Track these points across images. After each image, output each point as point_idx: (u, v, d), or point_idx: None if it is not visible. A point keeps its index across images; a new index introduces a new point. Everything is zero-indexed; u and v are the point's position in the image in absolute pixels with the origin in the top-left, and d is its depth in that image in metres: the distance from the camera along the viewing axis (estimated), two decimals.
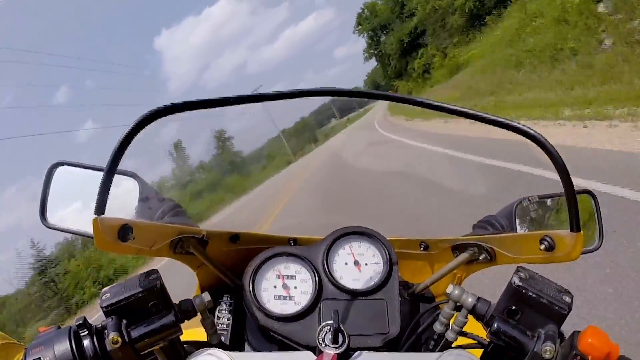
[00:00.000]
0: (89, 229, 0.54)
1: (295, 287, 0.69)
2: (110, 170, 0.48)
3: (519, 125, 0.48)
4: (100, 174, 0.49)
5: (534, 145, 0.48)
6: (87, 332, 0.51)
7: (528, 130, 0.48)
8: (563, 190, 0.50)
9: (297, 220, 7.52)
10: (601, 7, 9.58)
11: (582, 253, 0.59)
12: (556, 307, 0.52)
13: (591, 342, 0.48)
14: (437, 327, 0.64)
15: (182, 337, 0.58)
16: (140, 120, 0.47)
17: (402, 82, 45.12)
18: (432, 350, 0.65)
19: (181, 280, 1.17)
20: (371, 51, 52.75)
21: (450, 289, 0.60)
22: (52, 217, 0.78)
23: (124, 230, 0.57)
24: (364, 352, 0.56)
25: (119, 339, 0.50)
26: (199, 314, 0.60)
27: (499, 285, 0.57)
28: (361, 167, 11.22)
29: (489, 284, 1.93)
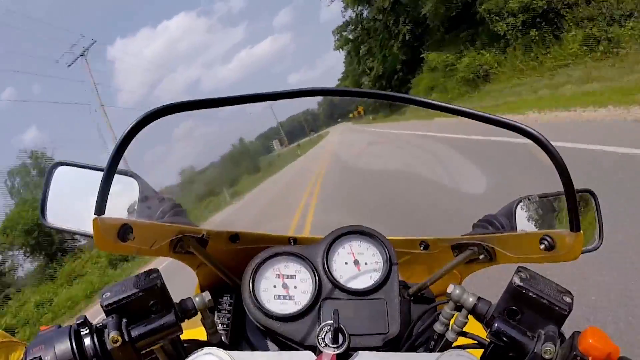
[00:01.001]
0: (88, 228, 0.54)
1: (295, 287, 0.69)
2: (110, 170, 0.48)
3: (519, 124, 0.48)
4: (100, 174, 0.49)
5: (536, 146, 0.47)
6: (87, 331, 0.51)
7: (528, 129, 0.48)
8: (563, 190, 0.50)
9: None
10: None
11: (582, 253, 0.59)
12: (556, 308, 0.52)
13: (592, 342, 0.48)
14: (437, 327, 0.64)
15: (182, 337, 0.58)
16: (140, 120, 0.47)
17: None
18: (432, 351, 0.64)
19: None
20: (356, 28, 30.67)
21: (450, 288, 0.60)
22: (52, 217, 0.78)
23: (124, 230, 0.57)
24: (364, 352, 0.56)
25: (119, 338, 0.50)
26: (199, 313, 0.60)
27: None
28: None
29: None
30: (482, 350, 0.60)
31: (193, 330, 0.76)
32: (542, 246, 0.62)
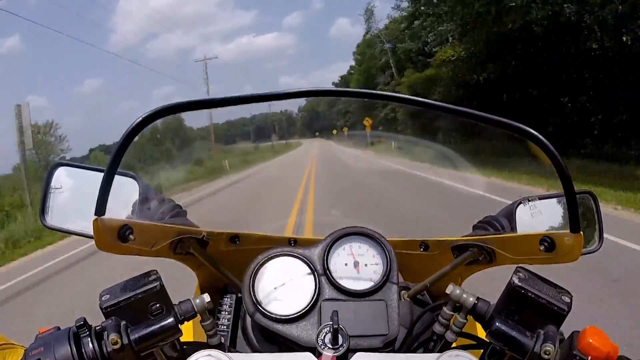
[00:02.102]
0: (89, 229, 0.54)
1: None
2: (111, 171, 0.48)
3: (519, 125, 0.49)
4: (100, 175, 0.49)
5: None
6: (87, 333, 0.51)
7: (528, 130, 0.48)
8: (563, 191, 0.50)
9: None
10: None
11: (582, 254, 0.59)
12: (555, 308, 0.52)
13: (591, 342, 0.48)
14: (437, 328, 0.63)
15: (182, 338, 0.58)
16: (141, 121, 0.47)
17: None
18: (432, 351, 0.64)
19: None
20: None
21: (450, 289, 0.60)
22: (52, 218, 0.78)
23: (124, 231, 0.57)
24: (364, 354, 0.56)
25: (119, 341, 0.50)
26: (198, 315, 0.60)
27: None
28: None
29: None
30: (481, 351, 0.60)
31: (193, 332, 0.76)
32: (542, 247, 0.62)
